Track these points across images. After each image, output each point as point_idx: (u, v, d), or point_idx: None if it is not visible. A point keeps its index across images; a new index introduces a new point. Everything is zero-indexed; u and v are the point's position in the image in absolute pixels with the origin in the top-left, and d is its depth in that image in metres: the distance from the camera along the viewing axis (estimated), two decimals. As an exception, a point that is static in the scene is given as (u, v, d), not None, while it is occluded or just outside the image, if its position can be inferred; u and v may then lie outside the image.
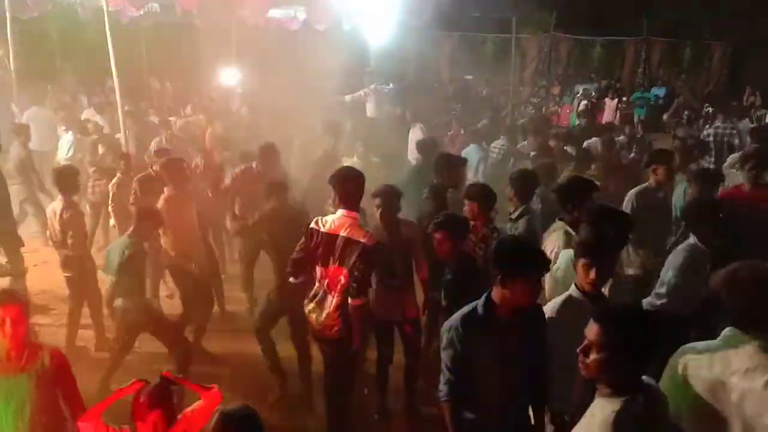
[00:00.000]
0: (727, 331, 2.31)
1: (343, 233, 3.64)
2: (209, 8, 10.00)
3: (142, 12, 10.39)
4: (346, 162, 6.69)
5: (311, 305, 3.81)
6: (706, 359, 2.29)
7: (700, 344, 2.39)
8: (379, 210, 4.19)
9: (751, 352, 2.21)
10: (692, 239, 3.94)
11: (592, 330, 2.06)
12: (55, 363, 2.95)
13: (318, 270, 3.76)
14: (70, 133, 8.84)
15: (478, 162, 7.40)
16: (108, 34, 6.75)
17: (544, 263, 2.71)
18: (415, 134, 9.00)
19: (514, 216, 4.56)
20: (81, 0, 9.61)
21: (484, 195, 4.28)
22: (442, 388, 2.81)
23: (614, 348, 2.01)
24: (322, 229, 3.70)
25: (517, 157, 7.56)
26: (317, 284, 3.80)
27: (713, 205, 4.10)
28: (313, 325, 3.84)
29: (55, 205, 5.27)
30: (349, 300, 3.63)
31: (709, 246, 3.85)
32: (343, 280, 3.64)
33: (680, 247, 4.00)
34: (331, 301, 3.70)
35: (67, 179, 5.21)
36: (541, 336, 2.78)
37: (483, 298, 2.72)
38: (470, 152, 7.48)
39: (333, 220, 3.70)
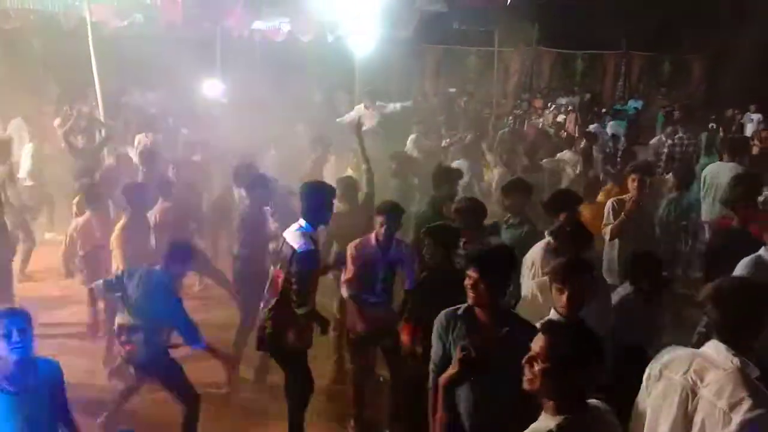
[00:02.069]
0: (711, 343, 2.33)
1: (287, 237, 3.87)
2: (193, 20, 10.02)
3: (125, 23, 10.38)
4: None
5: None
6: (685, 364, 2.32)
7: (683, 349, 2.43)
8: (383, 227, 4.21)
9: (728, 369, 2.22)
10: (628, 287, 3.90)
11: (537, 341, 2.11)
12: (50, 374, 2.90)
13: (272, 271, 3.99)
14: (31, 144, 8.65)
15: (470, 177, 7.45)
16: (91, 45, 6.73)
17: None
18: (409, 144, 9.16)
19: (513, 222, 4.74)
20: (64, 10, 9.56)
21: (472, 209, 4.36)
22: (430, 377, 2.90)
23: (557, 360, 2.04)
24: (284, 233, 3.96)
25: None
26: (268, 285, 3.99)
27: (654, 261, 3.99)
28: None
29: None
30: (296, 310, 3.75)
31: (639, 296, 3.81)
32: (279, 283, 3.83)
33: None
34: (269, 301, 3.91)
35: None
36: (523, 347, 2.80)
37: None
38: (460, 167, 7.54)
39: (292, 225, 3.95)
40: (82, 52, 6.99)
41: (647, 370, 2.45)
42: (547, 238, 4.02)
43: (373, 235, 4.28)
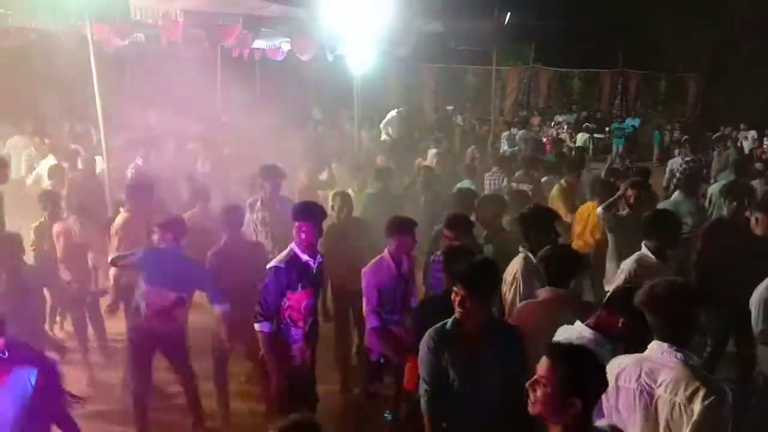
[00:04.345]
0: (653, 345, 2.41)
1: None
2: (194, 39, 10.10)
3: (126, 42, 10.45)
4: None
5: None
6: (635, 370, 2.39)
7: (630, 356, 2.50)
8: (397, 246, 4.14)
9: (675, 365, 2.31)
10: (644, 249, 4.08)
11: (543, 365, 2.05)
12: (42, 376, 2.73)
13: None
14: (51, 157, 8.73)
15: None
16: (92, 64, 6.76)
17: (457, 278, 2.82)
18: (429, 160, 9.28)
19: (488, 234, 4.81)
20: (65, 30, 9.64)
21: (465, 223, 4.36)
22: (422, 399, 2.90)
23: (562, 384, 1.99)
24: None
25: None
26: None
27: (668, 217, 4.28)
28: None
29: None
30: (254, 324, 3.70)
31: (660, 257, 3.99)
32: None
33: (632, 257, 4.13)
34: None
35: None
36: (514, 357, 2.81)
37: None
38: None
39: None
40: (83, 71, 7.01)
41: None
42: (524, 253, 3.96)
43: (387, 255, 4.17)
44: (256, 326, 3.68)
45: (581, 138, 14.83)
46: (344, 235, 5.04)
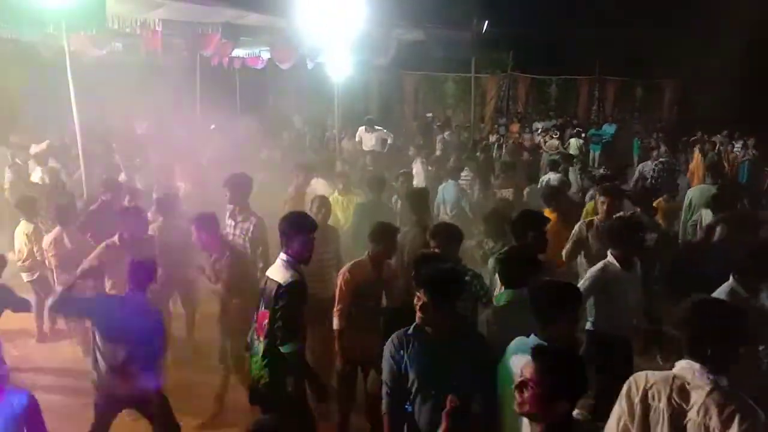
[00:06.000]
0: (683, 363, 2.32)
1: (270, 274, 3.56)
2: (173, 48, 10.09)
3: (104, 51, 10.40)
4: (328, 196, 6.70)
5: (248, 354, 3.66)
6: (665, 388, 2.31)
7: (657, 373, 2.40)
8: (375, 250, 4.15)
9: (707, 387, 2.24)
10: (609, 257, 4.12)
11: (528, 368, 2.17)
12: (25, 405, 2.79)
13: (256, 314, 3.62)
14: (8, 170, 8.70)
15: (456, 199, 7.40)
16: (69, 74, 6.71)
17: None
18: (417, 168, 9.21)
19: (486, 248, 4.88)
20: (43, 40, 9.56)
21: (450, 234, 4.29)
22: (384, 400, 2.92)
23: (549, 387, 2.12)
24: (267, 272, 3.65)
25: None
26: (251, 330, 3.64)
27: (632, 224, 4.32)
28: (251, 379, 3.63)
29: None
30: (280, 348, 3.42)
31: (624, 265, 4.05)
32: (266, 324, 3.49)
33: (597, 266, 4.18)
34: (258, 348, 3.55)
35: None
36: (477, 364, 2.80)
37: None
38: (448, 188, 7.58)
39: (276, 262, 3.61)
40: (61, 81, 6.95)
41: (624, 399, 2.42)
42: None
43: (366, 258, 4.20)
44: (288, 348, 3.42)
45: (575, 144, 14.95)
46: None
